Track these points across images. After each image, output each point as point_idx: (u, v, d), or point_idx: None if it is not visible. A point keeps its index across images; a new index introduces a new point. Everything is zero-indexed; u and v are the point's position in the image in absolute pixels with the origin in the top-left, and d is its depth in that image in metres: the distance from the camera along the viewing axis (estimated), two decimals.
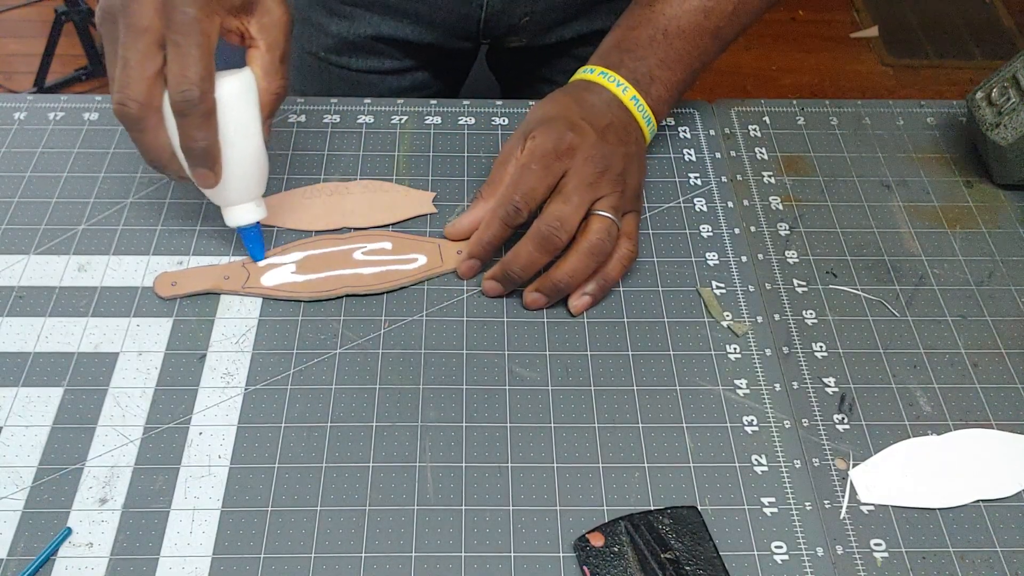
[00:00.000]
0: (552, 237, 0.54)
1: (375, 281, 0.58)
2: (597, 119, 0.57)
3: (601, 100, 0.59)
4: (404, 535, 0.48)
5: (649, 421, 0.52)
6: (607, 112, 0.58)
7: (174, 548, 0.47)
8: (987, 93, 0.65)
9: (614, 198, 0.56)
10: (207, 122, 0.50)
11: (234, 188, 0.54)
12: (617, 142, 0.57)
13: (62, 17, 1.76)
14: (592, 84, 0.60)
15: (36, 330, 0.55)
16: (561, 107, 0.58)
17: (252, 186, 0.55)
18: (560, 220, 0.54)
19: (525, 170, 0.55)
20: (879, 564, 0.47)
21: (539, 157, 0.55)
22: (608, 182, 0.55)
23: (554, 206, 0.55)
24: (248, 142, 0.53)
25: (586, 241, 0.55)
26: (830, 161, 0.67)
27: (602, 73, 0.60)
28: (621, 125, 0.58)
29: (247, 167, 0.54)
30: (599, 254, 0.55)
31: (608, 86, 0.59)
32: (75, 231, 0.60)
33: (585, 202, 0.55)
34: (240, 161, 0.53)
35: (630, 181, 0.57)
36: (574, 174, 0.55)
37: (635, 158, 0.58)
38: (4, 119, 0.67)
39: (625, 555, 0.46)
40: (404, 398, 0.53)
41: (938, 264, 0.61)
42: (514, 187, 0.55)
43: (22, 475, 0.49)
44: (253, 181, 0.55)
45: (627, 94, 0.59)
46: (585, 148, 0.55)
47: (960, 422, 0.53)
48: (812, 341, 0.56)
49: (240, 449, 0.51)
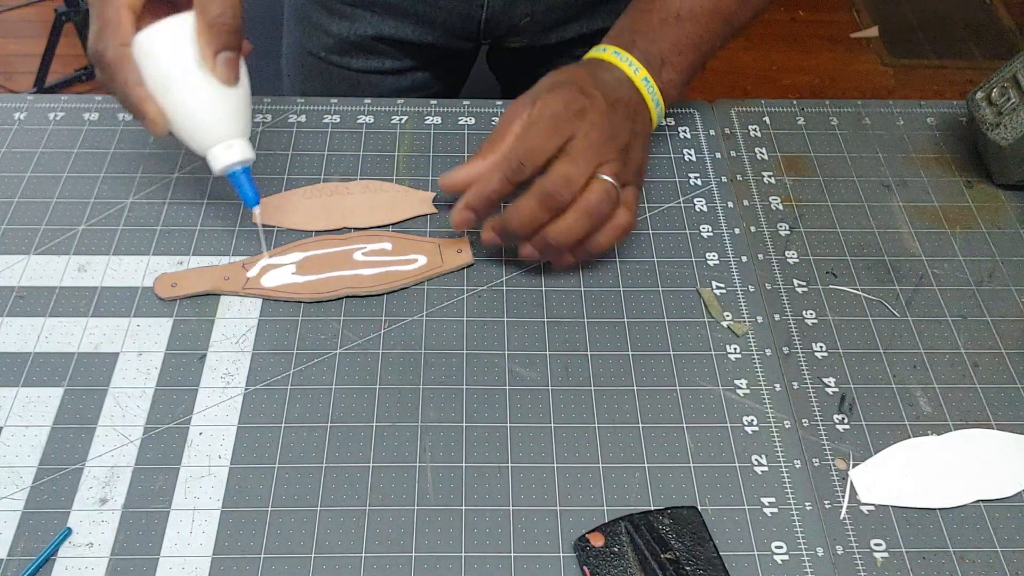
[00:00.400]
0: (556, 195, 0.53)
1: (375, 282, 0.58)
2: (610, 92, 0.57)
3: (613, 77, 0.59)
4: (404, 535, 0.48)
5: (649, 421, 0.52)
6: (618, 88, 0.58)
7: (174, 548, 0.47)
8: (987, 93, 0.65)
9: (617, 165, 0.55)
10: (117, 77, 0.51)
11: (198, 131, 0.52)
12: (625, 117, 0.57)
13: (62, 17, 1.76)
14: (604, 62, 0.60)
15: (36, 330, 0.55)
16: (573, 75, 0.58)
17: (220, 127, 0.52)
18: (566, 179, 0.53)
19: (532, 128, 0.54)
20: (879, 564, 0.47)
21: (548, 117, 0.54)
22: (613, 150, 0.55)
23: (560, 165, 0.54)
24: (193, 82, 0.51)
25: (585, 202, 0.54)
26: (830, 161, 0.67)
27: (615, 52, 0.60)
28: (631, 103, 0.58)
29: (201, 107, 0.52)
30: (596, 216, 0.54)
31: (620, 65, 0.59)
32: (75, 231, 0.60)
33: (590, 166, 0.54)
34: (189, 103, 0.51)
35: (633, 156, 0.57)
36: (582, 137, 0.54)
37: (640, 136, 0.58)
38: (4, 119, 0.67)
39: (625, 555, 0.46)
40: (404, 398, 0.53)
41: (938, 264, 0.61)
42: (520, 144, 0.54)
43: (22, 475, 0.49)
44: (219, 122, 0.52)
45: (639, 75, 0.59)
46: (594, 114, 0.55)
47: (960, 422, 0.53)
48: (812, 341, 0.56)
49: (240, 449, 0.51)
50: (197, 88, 0.51)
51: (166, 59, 0.51)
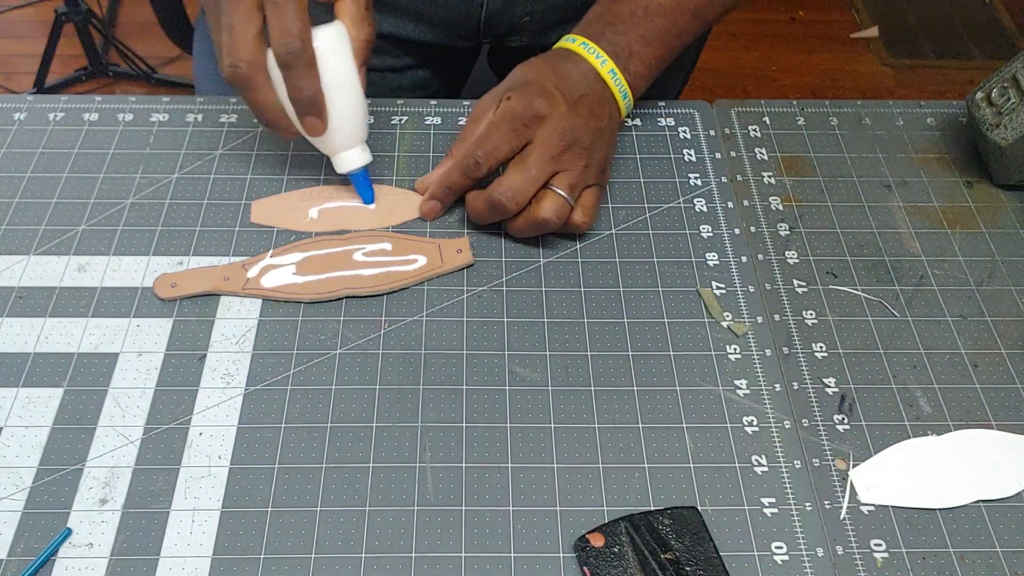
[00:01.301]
0: (502, 206, 0.57)
1: (375, 282, 0.58)
2: (572, 89, 0.58)
3: (579, 71, 0.60)
4: (404, 535, 0.48)
5: (649, 421, 0.52)
6: (583, 83, 0.59)
7: (174, 548, 0.47)
8: (987, 93, 0.65)
9: (573, 174, 0.57)
10: (310, 71, 0.53)
11: (340, 134, 0.57)
12: (588, 115, 0.58)
13: (62, 18, 1.76)
14: (572, 53, 0.61)
15: (36, 330, 0.55)
16: (538, 73, 0.59)
17: (357, 131, 0.58)
18: (513, 192, 0.56)
19: (493, 129, 0.57)
20: (879, 564, 0.47)
21: (508, 119, 0.57)
22: (571, 156, 0.57)
23: (511, 176, 0.56)
24: (348, 89, 0.55)
25: (532, 214, 0.57)
26: (830, 161, 0.67)
27: (583, 44, 0.61)
28: (595, 98, 0.59)
29: (350, 113, 0.56)
30: (544, 228, 0.58)
31: (587, 57, 0.60)
32: (75, 231, 0.60)
33: (544, 174, 0.56)
34: (343, 107, 0.56)
35: (596, 155, 0.58)
36: (539, 143, 0.56)
37: (604, 132, 0.59)
38: (4, 120, 0.67)
39: (625, 555, 0.46)
40: (404, 398, 0.53)
41: (938, 264, 0.61)
42: (479, 143, 0.57)
43: (22, 475, 0.49)
44: (358, 127, 0.58)
45: (605, 67, 0.60)
46: (554, 118, 0.56)
47: (960, 422, 0.53)
48: (812, 341, 0.56)
49: (240, 450, 0.51)
50: (355, 93, 0.56)
51: (330, 63, 0.54)
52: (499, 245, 0.61)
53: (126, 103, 0.68)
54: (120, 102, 0.68)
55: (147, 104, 0.68)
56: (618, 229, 0.62)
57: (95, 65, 1.87)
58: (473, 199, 0.59)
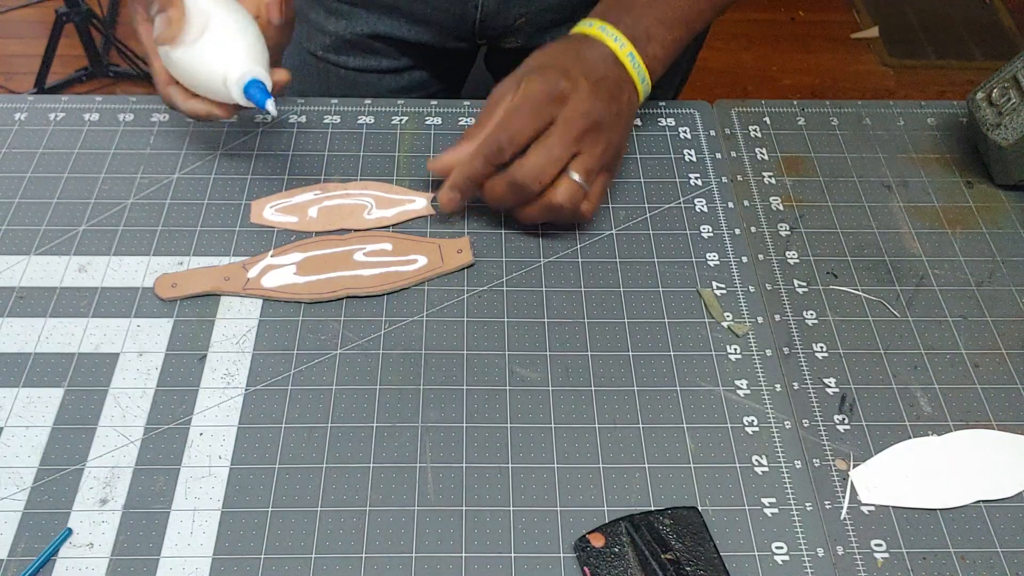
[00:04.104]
0: (526, 186, 0.56)
1: (375, 282, 0.58)
2: (592, 72, 0.58)
3: (598, 54, 0.59)
4: (404, 535, 0.48)
5: (649, 422, 0.52)
6: (602, 66, 0.59)
7: (174, 548, 0.47)
8: (987, 93, 0.65)
9: (590, 159, 0.57)
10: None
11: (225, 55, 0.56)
12: (608, 99, 0.58)
13: (62, 18, 1.76)
14: (589, 38, 0.60)
15: (37, 331, 0.55)
16: (557, 56, 0.59)
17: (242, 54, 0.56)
18: (537, 172, 0.56)
19: (514, 111, 0.56)
20: (879, 565, 0.47)
21: (530, 101, 0.56)
22: (591, 138, 0.57)
23: (535, 157, 0.56)
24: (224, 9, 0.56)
25: (548, 199, 0.57)
26: (830, 162, 0.67)
27: (601, 27, 0.60)
28: (614, 81, 0.59)
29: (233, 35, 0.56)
30: (558, 214, 0.58)
31: (606, 41, 0.60)
32: (75, 232, 0.60)
33: (566, 155, 0.56)
34: (222, 28, 0.56)
35: (613, 139, 0.58)
36: (561, 123, 0.56)
37: (623, 116, 0.59)
38: (5, 120, 0.67)
39: (625, 556, 0.46)
40: (404, 399, 0.53)
41: (938, 264, 0.61)
42: (501, 127, 0.56)
43: (22, 475, 0.49)
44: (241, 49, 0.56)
45: (624, 50, 0.60)
46: (576, 99, 0.56)
47: (960, 422, 0.53)
48: (812, 341, 0.56)
49: (240, 450, 0.51)
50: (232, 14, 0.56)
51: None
52: (499, 245, 0.61)
53: (126, 103, 0.68)
54: (120, 102, 0.68)
55: (147, 104, 0.68)
56: (618, 229, 0.62)
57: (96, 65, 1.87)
58: (492, 184, 0.58)
